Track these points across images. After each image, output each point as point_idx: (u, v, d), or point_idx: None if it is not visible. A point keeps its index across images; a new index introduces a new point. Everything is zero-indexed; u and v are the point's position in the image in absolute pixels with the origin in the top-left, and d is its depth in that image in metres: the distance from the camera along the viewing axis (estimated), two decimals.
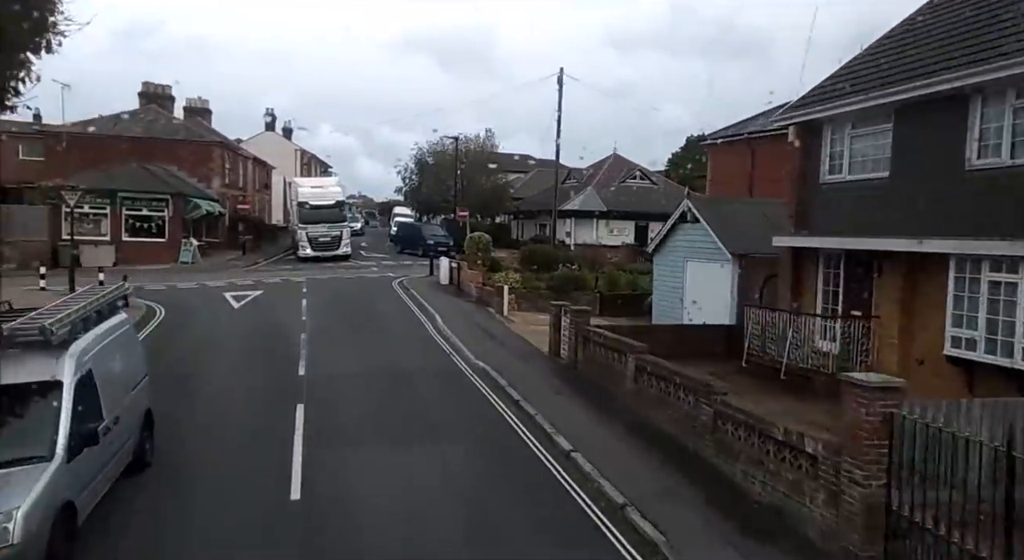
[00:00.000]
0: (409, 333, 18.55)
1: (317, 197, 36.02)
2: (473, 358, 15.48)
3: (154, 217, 33.54)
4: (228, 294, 23.65)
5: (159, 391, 10.37)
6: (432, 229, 43.45)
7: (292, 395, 12.03)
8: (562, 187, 51.07)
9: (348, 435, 10.46)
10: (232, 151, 42.81)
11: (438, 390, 13.23)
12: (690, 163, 67.28)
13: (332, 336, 17.69)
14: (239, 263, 35.29)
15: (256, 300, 22.82)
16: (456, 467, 9.35)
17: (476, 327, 19.32)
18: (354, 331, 18.56)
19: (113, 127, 38.71)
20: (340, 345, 16.85)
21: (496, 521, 7.90)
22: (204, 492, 8.39)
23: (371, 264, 36.19)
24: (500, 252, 35.18)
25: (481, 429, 10.98)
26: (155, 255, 33.45)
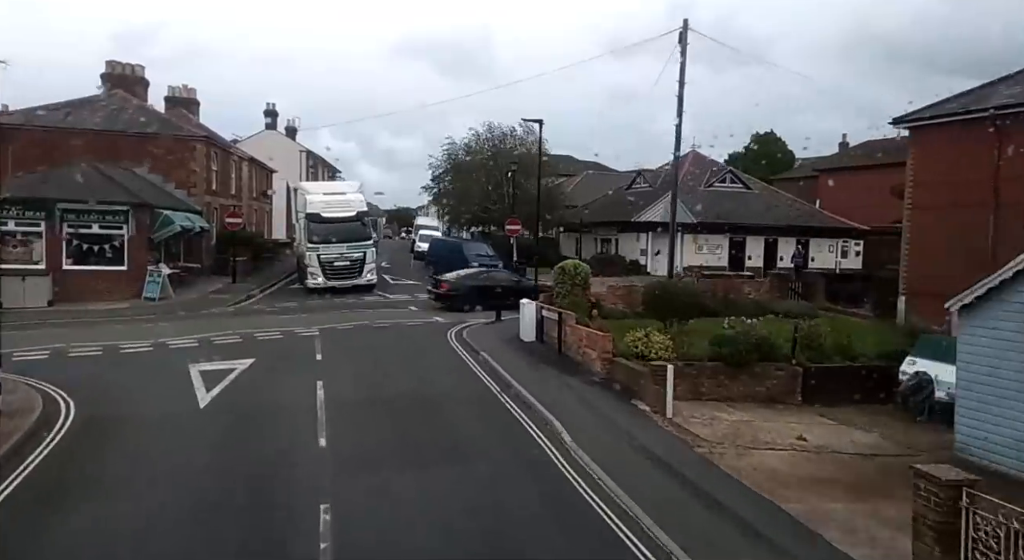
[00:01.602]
0: (531, 491, 9.27)
1: (332, 207, 26.96)
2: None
3: (109, 236, 24.50)
4: (196, 367, 14.50)
5: None
6: (476, 247, 34.33)
7: None
8: (626, 194, 41.94)
9: None
10: (221, 149, 33.85)
11: None
12: (764, 159, 58.23)
13: (384, 496, 8.58)
14: (225, 296, 26.20)
15: (238, 384, 13.64)
16: None
17: (651, 464, 10.11)
18: (421, 473, 9.43)
19: (64, 118, 29.75)
20: (405, 526, 7.76)
21: None
22: None
23: (404, 297, 26.97)
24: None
25: None
26: (109, 289, 24.42)
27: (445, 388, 13.76)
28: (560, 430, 11.05)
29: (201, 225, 28.88)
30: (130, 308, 23.34)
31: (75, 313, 21.92)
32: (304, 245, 27.28)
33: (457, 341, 18.21)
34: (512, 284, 24.86)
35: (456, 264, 33.05)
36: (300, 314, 22.22)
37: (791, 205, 38.13)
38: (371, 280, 27.66)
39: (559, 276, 19.10)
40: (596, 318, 17.48)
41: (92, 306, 23.40)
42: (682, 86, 24.92)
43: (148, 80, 33.29)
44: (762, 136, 59.11)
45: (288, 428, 11.07)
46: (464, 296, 23.48)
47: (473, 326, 20.26)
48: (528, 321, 17.79)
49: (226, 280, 29.91)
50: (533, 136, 38.61)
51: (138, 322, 20.60)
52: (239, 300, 25.80)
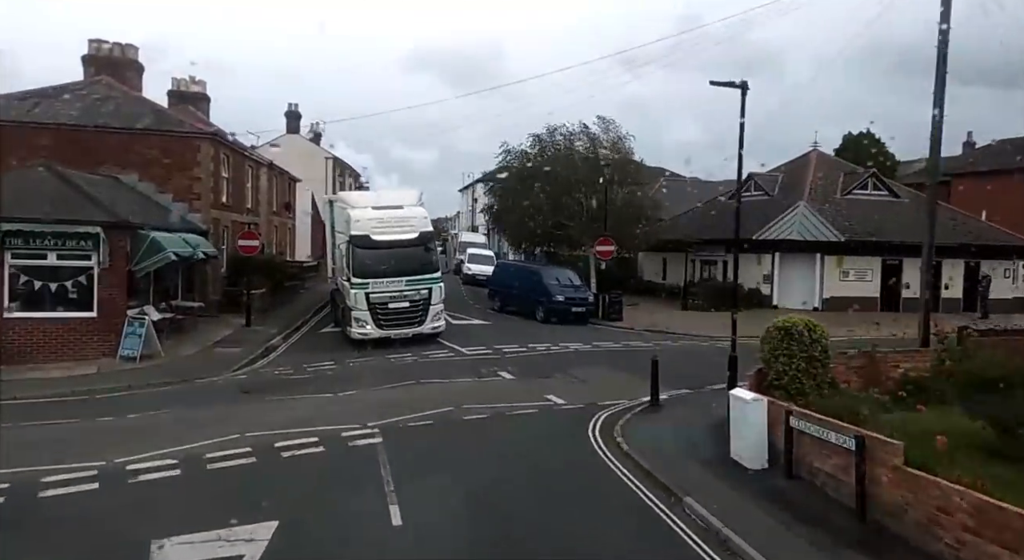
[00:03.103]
0: None
1: (386, 227, 19.46)
2: None
3: (72, 270, 17.28)
4: (163, 553, 7.11)
5: None
6: (558, 273, 26.74)
7: None
8: (731, 203, 34.20)
9: None
10: (233, 150, 26.70)
11: None
12: (869, 161, 50.10)
13: None
14: (235, 351, 18.84)
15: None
16: None
17: None
18: None
19: (30, 109, 22.75)
20: None
21: None
22: None
23: (483, 351, 19.25)
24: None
25: None
26: (72, 345, 17.21)
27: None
28: None
29: (205, 251, 21.63)
30: (96, 377, 16.03)
31: (11, 386, 14.64)
32: (347, 279, 19.79)
33: (617, 459, 10.54)
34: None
35: (533, 296, 25.54)
36: (343, 389, 14.71)
37: (951, 217, 30.17)
38: (437, 328, 20.11)
39: (778, 343, 11.37)
40: (866, 420, 9.83)
41: (43, 372, 16.16)
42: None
43: (142, 64, 26.28)
44: (855, 137, 51.00)
45: None
46: None
47: (622, 417, 12.60)
48: (752, 431, 10.09)
49: (238, 323, 22.61)
50: (612, 134, 31.22)
51: (97, 409, 13.25)
52: (254, 356, 18.44)
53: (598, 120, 31.19)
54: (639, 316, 26.25)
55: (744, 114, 11.61)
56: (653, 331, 23.31)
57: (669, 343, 20.81)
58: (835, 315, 23.98)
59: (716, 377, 15.54)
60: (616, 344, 20.26)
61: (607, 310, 25.58)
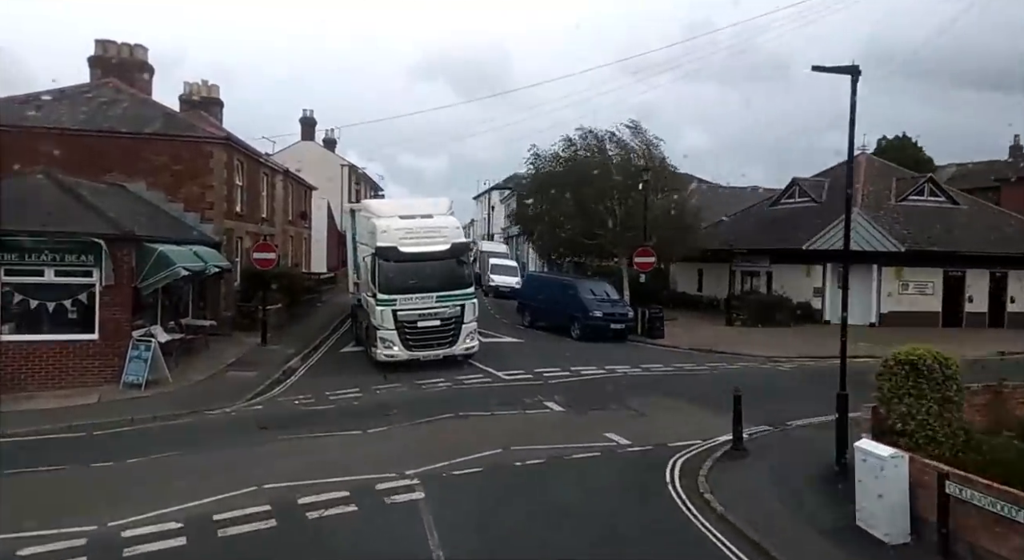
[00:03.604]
0: None
1: (415, 238, 17.70)
2: None
3: (71, 287, 15.68)
4: None
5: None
6: (594, 286, 24.86)
7: None
8: (774, 211, 32.18)
9: None
10: (247, 156, 25.13)
11: None
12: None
13: None
14: (250, 375, 17.14)
15: None
16: None
17: None
18: None
19: (30, 114, 21.28)
20: None
21: None
22: None
23: (522, 375, 17.36)
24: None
25: None
26: (71, 370, 15.58)
27: None
28: None
29: (218, 264, 20.00)
30: (96, 408, 14.36)
31: (2, 419, 13.00)
32: (371, 295, 18.05)
33: (710, 522, 8.66)
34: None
35: (567, 311, 23.70)
36: (373, 423, 12.91)
37: (1012, 225, 28.07)
38: (470, 349, 18.32)
39: (902, 381, 9.45)
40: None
41: (39, 402, 14.53)
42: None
43: (152, 66, 24.77)
44: (892, 141, 48.88)
45: None
46: None
47: (703, 463, 10.73)
48: (889, 495, 8.17)
49: (253, 341, 20.96)
50: (642, 138, 29.38)
51: (94, 451, 11.56)
52: (271, 381, 16.71)
53: (628, 124, 29.44)
54: (681, 333, 24.34)
55: (855, 102, 9.77)
56: (701, 350, 21.40)
57: (724, 366, 18.91)
58: (895, 332, 22.08)
59: (796, 409, 13.72)
60: (666, 367, 18.37)
61: (647, 327, 23.69)
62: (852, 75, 9.78)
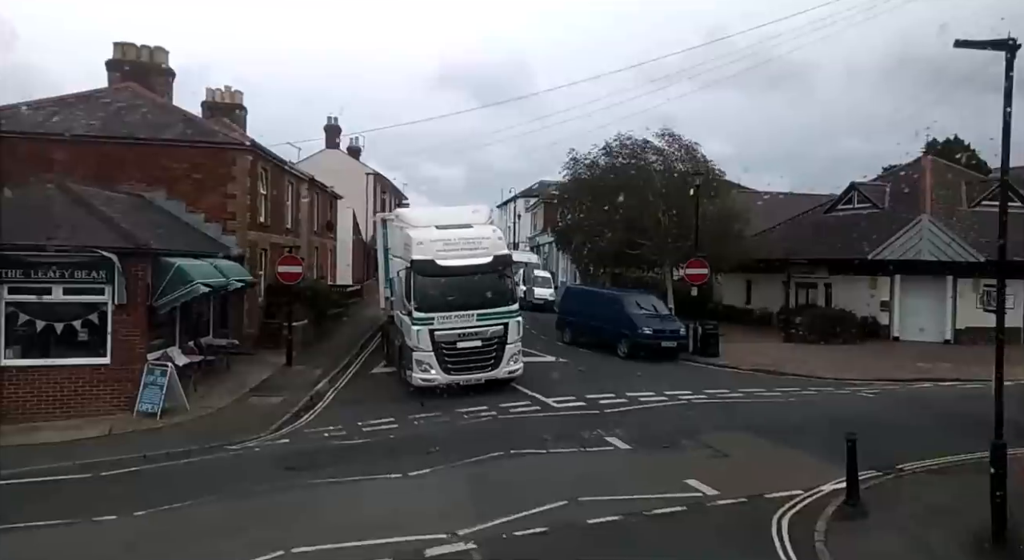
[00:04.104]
0: None
1: (454, 250, 16.12)
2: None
3: (81, 307, 14.30)
4: None
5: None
6: (641, 299, 23.04)
7: None
8: (830, 218, 30.09)
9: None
10: (271, 163, 23.79)
11: None
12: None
13: None
14: (274, 401, 15.63)
15: None
16: None
17: None
18: None
19: (46, 119, 20.15)
20: None
21: None
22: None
23: (572, 402, 15.61)
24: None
25: None
26: (79, 397, 14.21)
27: None
28: None
29: (241, 279, 18.59)
30: (107, 441, 12.94)
31: (3, 455, 11.60)
32: (407, 313, 16.49)
33: None
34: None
35: (613, 327, 21.92)
36: (414, 464, 11.24)
37: None
38: (514, 372, 16.62)
39: None
40: None
41: (45, 433, 13.15)
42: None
43: (172, 69, 23.57)
44: (946, 144, 46.41)
45: None
46: None
47: (814, 522, 8.91)
48: None
49: (277, 361, 19.52)
50: (678, 144, 27.57)
51: (99, 499, 10.06)
52: (297, 409, 15.17)
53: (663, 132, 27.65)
54: (736, 350, 22.42)
55: (1010, 86, 7.94)
56: (766, 372, 19.50)
57: (798, 391, 16.96)
58: (974, 350, 20.02)
59: (902, 447, 11.79)
60: (734, 393, 16.50)
61: (701, 344, 21.83)
62: (1007, 51, 7.96)
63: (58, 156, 19.08)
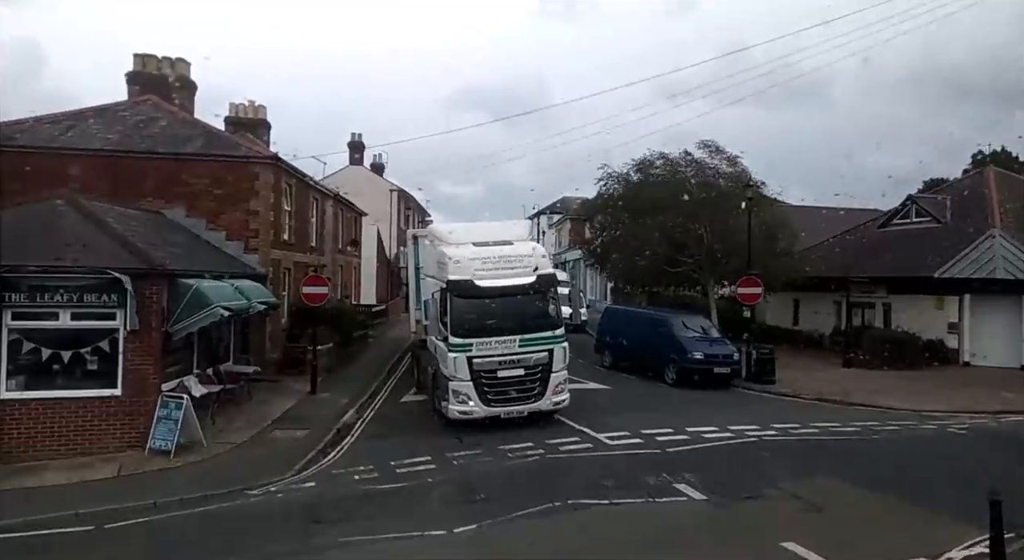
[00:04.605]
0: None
1: (493, 268, 14.63)
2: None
3: (91, 333, 13.08)
4: None
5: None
6: (690, 321, 21.47)
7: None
8: (884, 233, 28.34)
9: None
10: (296, 178, 22.68)
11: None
12: None
13: None
14: (298, 435, 14.27)
15: None
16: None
17: None
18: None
19: (61, 134, 19.24)
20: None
21: None
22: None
23: (632, 443, 13.74)
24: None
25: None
26: (87, 432, 12.97)
27: None
28: None
29: (263, 301, 17.36)
30: (115, 484, 11.65)
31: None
32: (442, 338, 15.10)
33: None
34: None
35: (660, 351, 20.35)
36: (458, 517, 9.74)
37: None
38: (560, 403, 15.10)
39: None
40: None
41: (43, 476, 11.89)
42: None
43: (194, 82, 22.67)
44: (993, 155, 44.33)
45: None
46: None
47: None
48: None
49: (301, 389, 18.24)
50: (720, 157, 26.09)
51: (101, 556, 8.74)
52: (323, 445, 13.76)
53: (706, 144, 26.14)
54: (793, 376, 20.69)
55: None
56: (832, 402, 17.79)
57: (875, 424, 15.20)
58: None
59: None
60: (806, 427, 14.78)
61: (756, 369, 20.16)
62: None
63: (73, 171, 18.18)
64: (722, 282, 27.22)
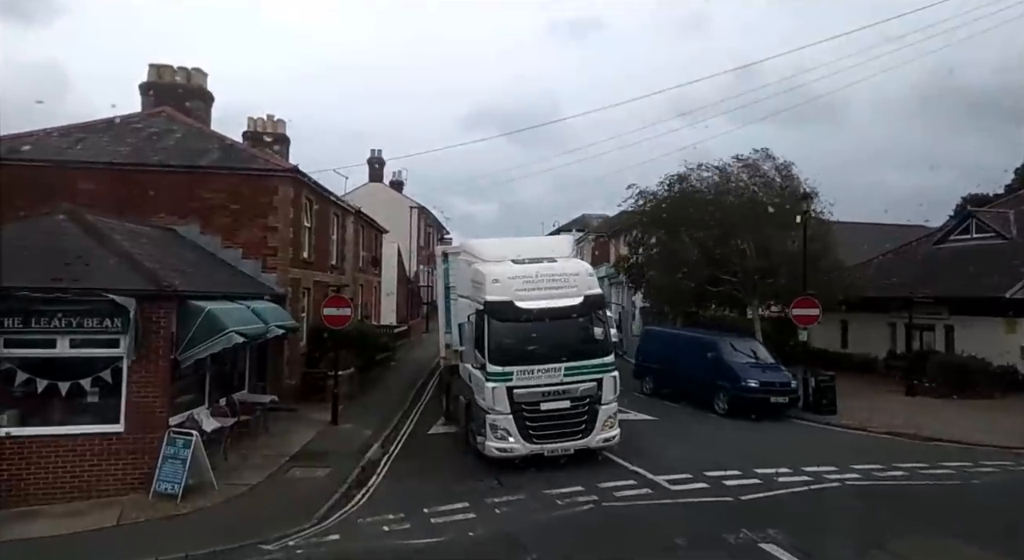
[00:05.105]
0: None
1: (535, 288, 13.17)
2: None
3: (91, 362, 11.78)
4: None
5: None
6: (739, 344, 19.90)
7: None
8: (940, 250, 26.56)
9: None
10: (315, 193, 21.44)
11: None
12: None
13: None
14: (320, 476, 12.83)
15: None
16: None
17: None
18: None
19: (68, 148, 18.18)
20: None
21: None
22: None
23: (696, 489, 12.07)
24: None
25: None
26: (86, 473, 11.61)
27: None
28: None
29: (281, 324, 16.01)
30: (114, 534, 10.25)
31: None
32: (479, 366, 13.58)
33: None
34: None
35: (708, 377, 18.73)
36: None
37: None
38: (610, 440, 13.51)
39: None
40: None
41: (36, 523, 10.52)
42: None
43: (211, 93, 21.62)
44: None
45: None
46: None
47: None
48: None
49: (322, 419, 16.85)
50: (771, 164, 24.57)
51: None
52: (347, 485, 12.31)
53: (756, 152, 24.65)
54: (853, 406, 18.92)
55: None
56: (904, 436, 16.03)
57: (969, 466, 13.40)
58: None
59: None
60: (890, 469, 13.02)
61: (814, 399, 18.45)
62: None
63: (82, 186, 17.08)
64: (767, 302, 25.53)
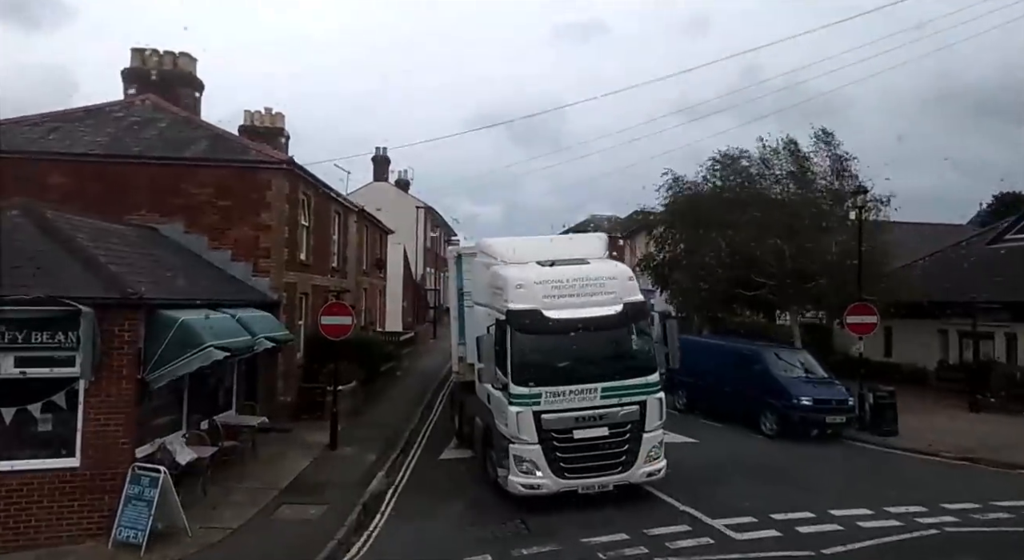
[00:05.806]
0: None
1: (566, 295, 11.11)
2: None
3: (42, 385, 9.89)
4: None
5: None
6: (786, 354, 17.93)
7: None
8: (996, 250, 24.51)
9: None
10: (314, 189, 19.52)
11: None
12: None
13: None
14: (314, 517, 10.89)
15: None
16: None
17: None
18: None
19: (39, 138, 16.34)
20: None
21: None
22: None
23: (764, 537, 9.95)
24: None
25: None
26: (34, 518, 9.63)
27: None
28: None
29: (272, 336, 14.08)
30: None
31: None
32: (498, 384, 11.57)
33: None
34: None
35: (753, 392, 16.74)
36: None
37: None
38: (654, 474, 11.49)
39: None
40: None
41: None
42: None
43: (200, 80, 19.76)
44: None
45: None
46: None
47: None
48: None
49: (319, 442, 14.92)
50: (825, 153, 22.62)
51: None
52: (345, 529, 10.33)
53: (819, 134, 22.48)
54: (913, 425, 16.88)
55: None
56: (986, 463, 14.00)
57: None
58: None
59: None
60: (990, 509, 10.98)
61: (872, 418, 16.42)
62: None
63: (53, 180, 15.25)
64: (806, 307, 23.54)
